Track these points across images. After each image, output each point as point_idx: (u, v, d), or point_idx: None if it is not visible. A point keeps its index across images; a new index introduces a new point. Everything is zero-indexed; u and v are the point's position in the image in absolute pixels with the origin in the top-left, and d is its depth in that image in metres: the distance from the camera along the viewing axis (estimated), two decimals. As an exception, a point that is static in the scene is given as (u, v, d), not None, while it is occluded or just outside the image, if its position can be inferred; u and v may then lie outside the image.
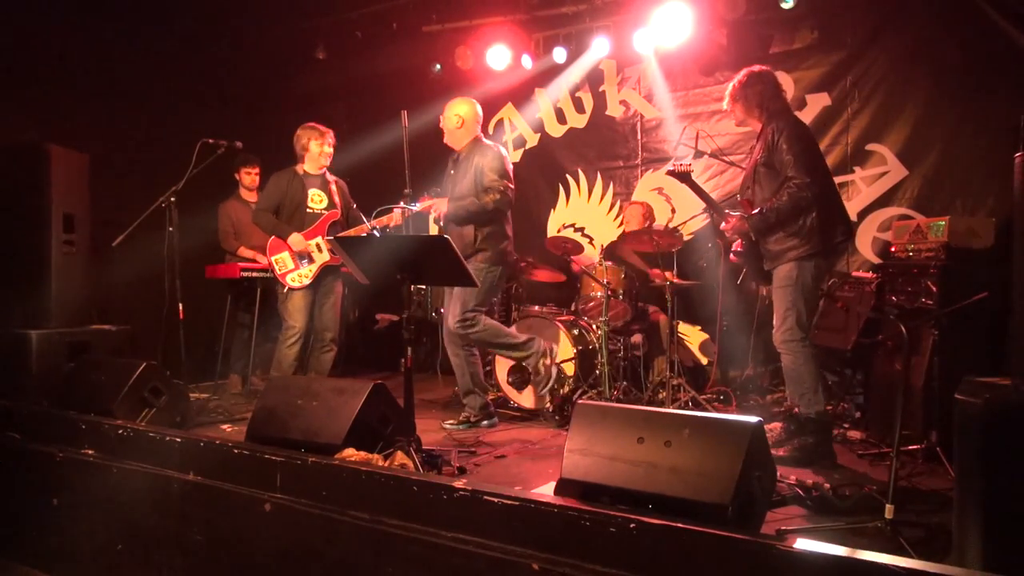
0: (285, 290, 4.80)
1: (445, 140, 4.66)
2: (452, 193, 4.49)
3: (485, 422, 4.56)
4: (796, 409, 3.74)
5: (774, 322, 3.80)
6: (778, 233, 3.73)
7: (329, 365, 4.90)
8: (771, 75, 3.92)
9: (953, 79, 5.03)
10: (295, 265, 4.78)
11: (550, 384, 4.63)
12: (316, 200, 4.88)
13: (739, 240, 3.95)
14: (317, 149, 4.88)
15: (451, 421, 4.56)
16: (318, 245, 4.80)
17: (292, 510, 2.46)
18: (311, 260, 4.79)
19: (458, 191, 4.45)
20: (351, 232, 4.73)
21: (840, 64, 5.53)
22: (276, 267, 4.80)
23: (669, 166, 4.21)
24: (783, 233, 3.71)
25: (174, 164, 4.64)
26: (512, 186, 4.43)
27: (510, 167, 4.49)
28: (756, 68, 3.93)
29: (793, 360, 3.70)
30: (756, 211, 3.77)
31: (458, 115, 4.54)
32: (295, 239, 4.76)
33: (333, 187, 4.97)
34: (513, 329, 4.77)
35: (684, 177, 3.98)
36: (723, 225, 3.99)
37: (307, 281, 4.78)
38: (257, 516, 2.53)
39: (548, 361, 4.51)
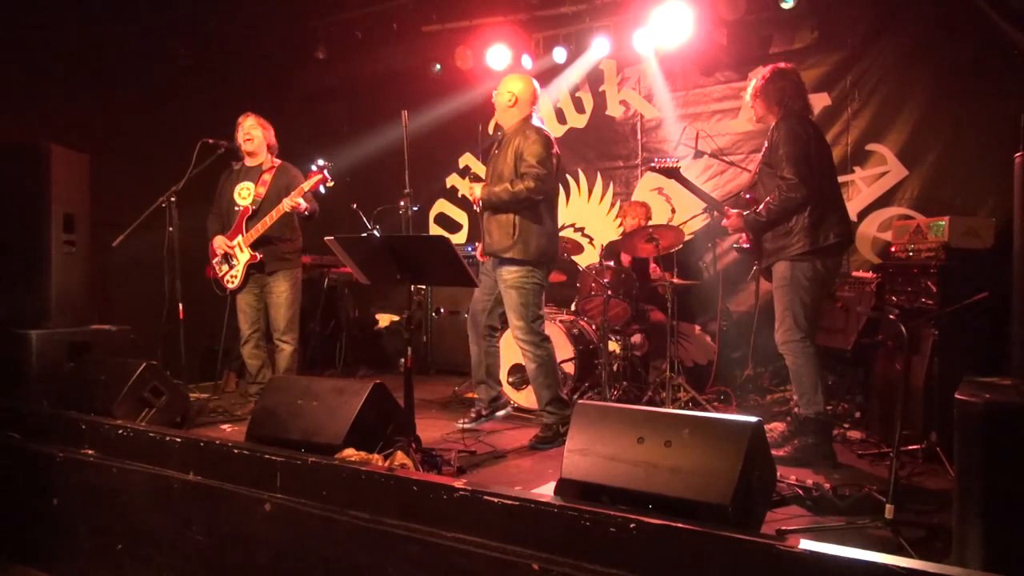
0: (227, 292, 4.75)
1: (496, 118, 4.43)
2: (492, 176, 4.21)
3: (499, 412, 4.45)
4: (796, 409, 3.75)
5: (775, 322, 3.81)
6: (771, 232, 3.75)
7: (285, 363, 4.79)
8: (796, 74, 3.86)
9: (953, 79, 5.04)
10: (228, 267, 4.72)
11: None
12: (242, 196, 4.74)
13: (744, 236, 3.95)
14: (240, 138, 4.76)
15: (464, 420, 4.43)
16: (239, 244, 4.67)
17: (292, 510, 2.46)
18: (237, 261, 4.70)
19: (497, 175, 4.16)
20: (269, 216, 4.55)
21: (840, 64, 5.53)
22: (217, 271, 4.77)
23: (652, 163, 4.18)
24: (775, 232, 3.73)
25: (174, 164, 4.64)
26: (547, 173, 4.01)
27: (555, 152, 4.11)
28: (783, 65, 3.88)
29: (793, 360, 3.71)
30: (750, 211, 3.80)
31: (511, 92, 4.23)
32: (217, 241, 4.70)
33: (266, 176, 4.75)
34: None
35: (671, 173, 3.99)
36: (724, 222, 4.00)
37: (238, 282, 4.68)
38: (257, 516, 2.53)
39: (561, 431, 4.06)
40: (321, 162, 4.43)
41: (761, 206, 3.72)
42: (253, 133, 4.74)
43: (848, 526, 2.75)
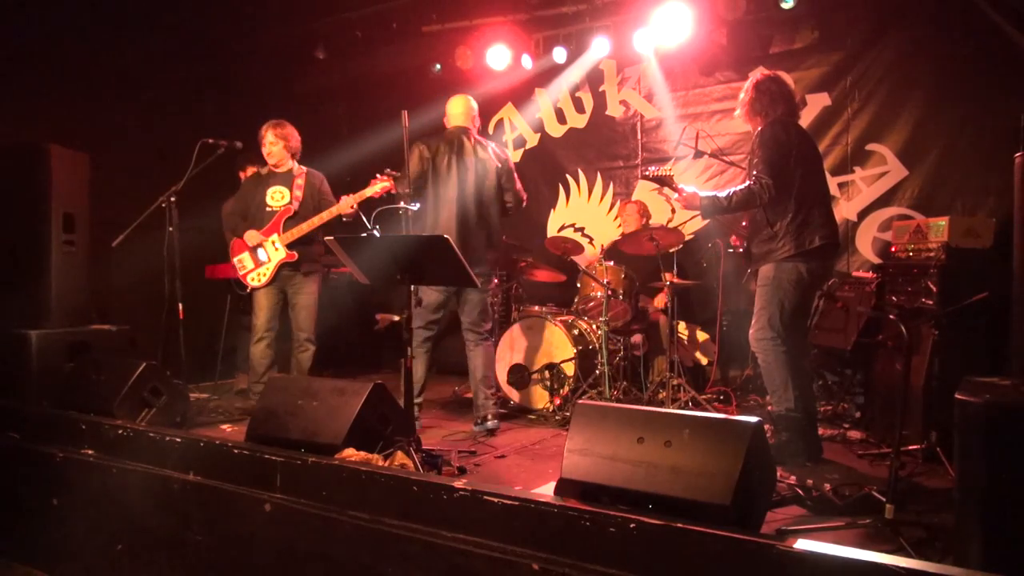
0: (248, 290, 4.83)
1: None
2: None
3: (488, 424, 4.50)
4: (769, 407, 3.81)
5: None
6: (757, 237, 3.81)
7: (308, 364, 4.87)
8: (776, 81, 3.88)
9: (953, 79, 5.04)
10: (254, 264, 4.78)
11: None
12: (276, 198, 4.83)
13: (735, 238, 4.00)
14: (264, 149, 4.85)
15: (473, 425, 4.47)
16: (273, 243, 4.74)
17: (292, 510, 2.46)
18: (268, 258, 4.76)
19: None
20: (319, 217, 4.67)
21: (840, 64, 5.53)
22: (238, 268, 4.82)
23: (646, 171, 4.22)
24: (761, 237, 3.78)
25: (174, 164, 4.63)
26: None
27: None
28: (760, 76, 3.91)
29: (764, 358, 3.77)
30: (712, 192, 3.83)
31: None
32: (250, 234, 4.76)
33: (299, 180, 4.88)
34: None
35: (663, 181, 4.01)
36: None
37: (265, 280, 4.75)
38: (257, 516, 2.53)
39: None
40: (389, 170, 4.47)
41: (727, 191, 3.76)
42: (272, 149, 4.84)
43: (848, 526, 2.75)
